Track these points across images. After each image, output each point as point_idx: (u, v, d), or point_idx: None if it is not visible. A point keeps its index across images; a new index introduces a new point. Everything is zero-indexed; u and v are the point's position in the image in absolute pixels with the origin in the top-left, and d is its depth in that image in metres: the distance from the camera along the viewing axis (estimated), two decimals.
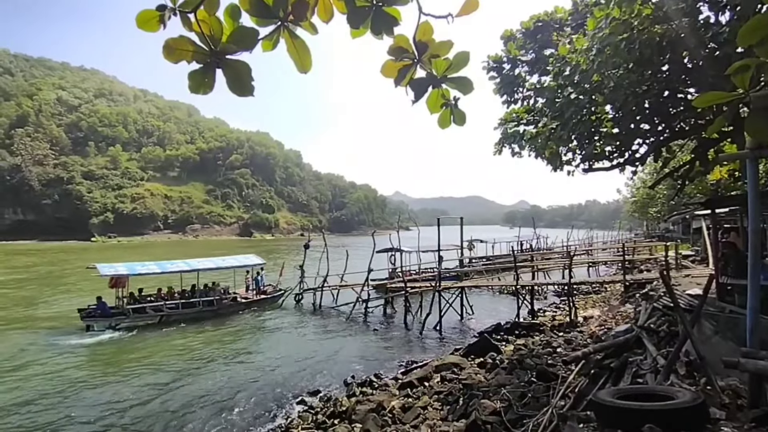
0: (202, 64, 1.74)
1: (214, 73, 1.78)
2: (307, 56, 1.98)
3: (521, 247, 38.09)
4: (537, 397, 6.51)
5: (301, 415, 8.69)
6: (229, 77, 1.81)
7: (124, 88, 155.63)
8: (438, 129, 2.48)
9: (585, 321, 14.10)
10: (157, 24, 1.59)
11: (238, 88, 1.87)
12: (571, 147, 7.41)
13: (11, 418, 9.23)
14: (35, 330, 16.82)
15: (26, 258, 52.00)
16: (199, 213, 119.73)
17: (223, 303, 19.75)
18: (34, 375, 11.85)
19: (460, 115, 2.65)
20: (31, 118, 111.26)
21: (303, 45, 1.93)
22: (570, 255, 17.91)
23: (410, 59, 2.35)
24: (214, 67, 1.76)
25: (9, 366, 12.51)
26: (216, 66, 1.77)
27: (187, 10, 1.61)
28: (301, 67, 2.01)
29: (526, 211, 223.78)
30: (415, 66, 2.36)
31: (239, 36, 1.70)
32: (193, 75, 1.80)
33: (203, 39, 1.64)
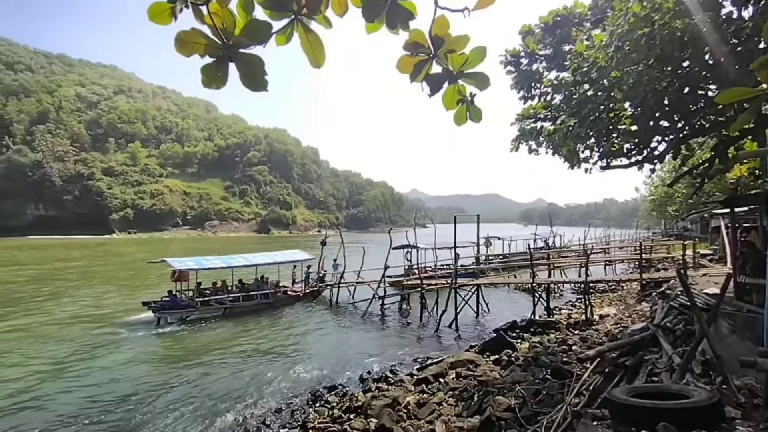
0: (214, 57, 1.75)
1: (227, 67, 1.77)
2: (321, 51, 1.98)
3: (539, 245, 37.74)
4: (551, 395, 6.52)
5: (318, 410, 8.83)
6: (242, 71, 1.82)
7: (143, 85, 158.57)
8: (455, 126, 2.51)
9: (601, 319, 13.95)
10: (169, 16, 1.59)
11: (251, 82, 1.88)
12: (588, 144, 7.33)
13: (91, 405, 9.77)
14: (109, 323, 17.44)
15: (57, 253, 53.78)
16: (218, 209, 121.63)
17: (278, 296, 20.58)
18: (122, 365, 12.48)
19: (476, 111, 2.67)
20: (51, 115, 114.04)
21: (317, 39, 1.88)
22: (586, 253, 17.68)
23: (426, 54, 2.37)
24: (227, 61, 1.75)
25: (95, 360, 13.02)
26: (229, 60, 1.78)
27: (199, 2, 1.59)
28: (314, 62, 2.01)
29: (543, 209, 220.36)
30: (431, 61, 2.38)
31: (252, 29, 1.67)
32: (206, 69, 1.80)
33: (215, 32, 1.62)
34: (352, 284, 21.60)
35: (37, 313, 19.53)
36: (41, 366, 12.47)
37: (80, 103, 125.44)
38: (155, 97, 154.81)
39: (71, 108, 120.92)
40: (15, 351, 13.97)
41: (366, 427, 7.11)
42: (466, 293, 18.16)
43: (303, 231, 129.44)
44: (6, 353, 13.67)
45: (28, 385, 10.92)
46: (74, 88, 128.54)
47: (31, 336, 15.80)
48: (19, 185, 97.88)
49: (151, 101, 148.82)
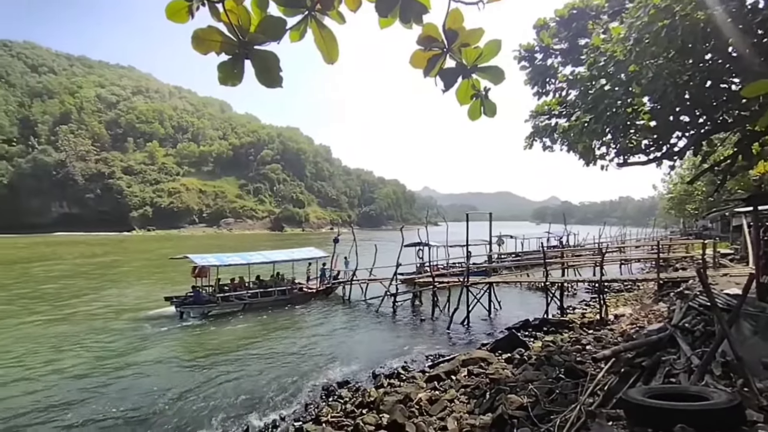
0: (230, 55, 1.79)
1: (243, 64, 1.79)
2: (335, 47, 1.97)
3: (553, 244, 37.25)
4: (565, 394, 6.44)
5: (331, 404, 8.92)
6: (257, 68, 1.83)
7: (160, 85, 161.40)
8: (468, 123, 2.47)
9: (616, 319, 13.71)
10: (186, 15, 1.61)
11: (267, 79, 1.90)
12: (605, 140, 7.16)
13: (117, 395, 10.14)
14: (132, 317, 17.94)
15: (81, 249, 55.30)
16: (233, 207, 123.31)
17: (294, 293, 20.93)
18: (147, 357, 12.87)
19: (490, 106, 2.64)
20: (73, 115, 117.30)
21: (330, 35, 1.88)
22: (601, 252, 17.38)
23: (440, 48, 2.34)
24: (242, 58, 1.77)
25: (121, 352, 13.42)
26: (245, 57, 1.82)
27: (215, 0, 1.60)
28: (328, 58, 2.02)
29: (556, 207, 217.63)
30: (444, 55, 2.35)
31: (267, 26, 1.68)
32: (222, 66, 1.82)
33: (231, 29, 1.63)
34: (365, 281, 21.66)
35: (64, 307, 20.19)
36: (68, 358, 12.87)
37: (100, 104, 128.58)
38: (172, 97, 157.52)
39: (92, 108, 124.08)
40: (43, 343, 14.45)
41: (378, 422, 7.13)
42: (478, 291, 18.05)
43: (316, 229, 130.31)
44: (34, 345, 14.15)
45: (54, 376, 11.28)
46: (94, 89, 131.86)
47: (58, 329, 16.31)
48: (45, 184, 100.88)
49: (168, 101, 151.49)
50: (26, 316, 18.42)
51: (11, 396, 10.07)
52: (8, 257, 44.35)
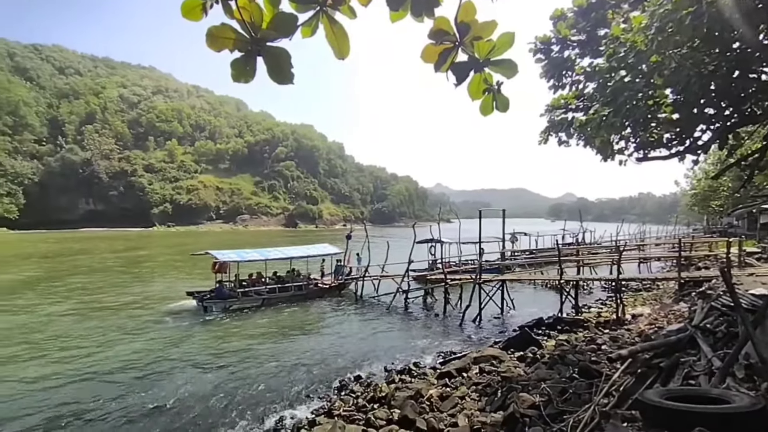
0: (243, 52, 1.81)
1: (255, 60, 1.82)
2: (346, 42, 1.97)
3: (568, 241, 36.65)
4: (579, 394, 6.30)
5: (343, 398, 8.98)
6: (269, 65, 1.85)
7: (179, 85, 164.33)
8: (481, 119, 2.41)
9: (633, 319, 13.40)
10: (201, 12, 1.63)
11: (278, 75, 1.91)
12: (624, 134, 6.93)
13: (141, 382, 10.56)
14: (156, 310, 18.52)
15: (105, 244, 56.85)
16: (248, 204, 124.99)
17: (310, 288, 21.24)
18: (172, 348, 13.30)
19: (503, 101, 2.56)
20: (98, 115, 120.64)
21: (342, 30, 1.90)
22: (619, 250, 16.99)
23: (451, 42, 2.29)
24: (255, 55, 1.80)
25: (147, 344, 13.85)
26: (257, 54, 1.83)
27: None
28: (339, 54, 2.01)
29: (572, 204, 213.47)
30: (456, 49, 2.29)
31: (279, 22, 1.71)
32: (235, 63, 1.85)
33: (244, 26, 1.66)
34: (377, 278, 21.69)
35: (90, 300, 20.89)
36: (93, 349, 13.31)
37: (123, 104, 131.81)
38: (190, 96, 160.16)
39: (115, 108, 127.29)
40: (70, 333, 14.98)
41: (389, 417, 7.14)
42: (491, 289, 17.88)
43: (329, 225, 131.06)
44: (62, 335, 14.67)
45: (78, 366, 11.66)
46: (117, 89, 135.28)
47: (85, 320, 16.89)
48: (72, 182, 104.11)
49: (186, 100, 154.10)
50: (55, 307, 19.10)
51: (37, 384, 10.45)
52: (39, 251, 45.96)
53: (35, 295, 21.95)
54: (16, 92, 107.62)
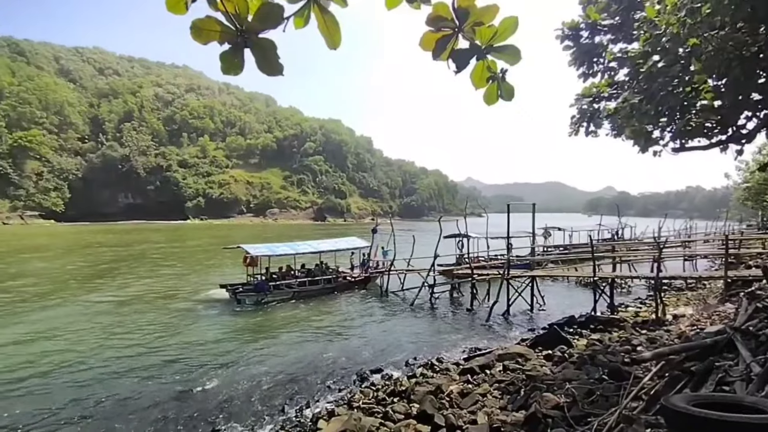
0: (230, 44, 1.78)
1: (243, 52, 1.81)
2: (337, 32, 1.92)
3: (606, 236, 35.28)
4: (606, 396, 6.04)
5: (363, 391, 9.03)
6: (257, 56, 1.82)
7: (210, 83, 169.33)
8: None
9: (675, 319, 12.70)
10: (184, 6, 1.61)
11: (267, 67, 1.88)
12: (659, 123, 6.48)
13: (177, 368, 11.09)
14: (192, 301, 19.28)
15: (144, 236, 59.72)
16: (277, 198, 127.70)
17: (338, 281, 21.55)
18: (206, 338, 13.82)
19: (508, 89, 2.43)
20: (135, 113, 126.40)
21: (333, 20, 1.87)
22: (659, 246, 16.13)
23: (450, 29, 2.19)
24: (242, 47, 1.78)
25: (183, 333, 14.47)
26: (244, 45, 1.80)
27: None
28: (331, 44, 1.96)
29: (612, 198, 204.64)
30: (455, 35, 2.19)
31: (264, 13, 1.67)
32: (223, 56, 1.83)
33: (229, 18, 1.63)
34: (403, 272, 21.63)
35: (127, 288, 22.05)
36: (131, 335, 14.07)
37: (158, 102, 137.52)
38: (221, 94, 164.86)
39: (151, 107, 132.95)
40: (107, 320, 15.88)
41: (408, 412, 7.11)
42: (520, 285, 17.44)
43: (357, 219, 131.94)
44: (100, 321, 15.54)
45: (116, 350, 12.34)
46: (153, 88, 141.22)
47: (122, 307, 17.86)
48: (112, 177, 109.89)
49: (218, 97, 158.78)
50: (96, 294, 20.28)
51: (73, 366, 11.13)
52: (83, 242, 48.84)
53: (78, 284, 23.33)
54: (61, 93, 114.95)
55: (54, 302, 18.70)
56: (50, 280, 24.23)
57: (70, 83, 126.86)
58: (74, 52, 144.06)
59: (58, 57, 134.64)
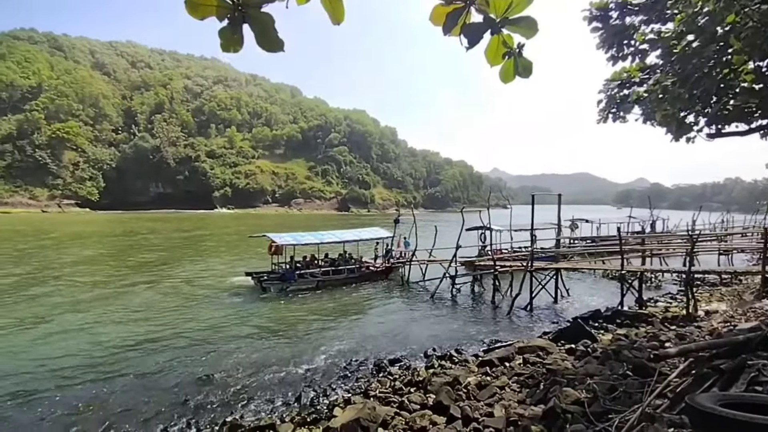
0: (228, 19, 1.75)
1: (242, 28, 1.77)
2: (340, 7, 1.87)
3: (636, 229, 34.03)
4: (629, 393, 5.82)
5: (380, 380, 9.07)
6: (255, 31, 1.78)
7: (237, 74, 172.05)
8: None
9: (707, 315, 12.16)
10: None
11: (266, 42, 1.84)
12: (693, 108, 6.07)
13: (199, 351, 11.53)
14: (218, 289, 19.72)
15: (173, 224, 61.85)
16: (302, 188, 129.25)
17: (362, 271, 21.75)
18: (233, 324, 14.24)
19: (525, 65, 2.30)
20: (165, 105, 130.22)
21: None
22: (692, 240, 15.41)
23: (462, 1, 2.09)
24: (240, 22, 1.75)
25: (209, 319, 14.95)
26: (242, 21, 1.76)
27: None
28: (334, 19, 1.90)
29: (644, 190, 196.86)
30: (468, 8, 2.09)
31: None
32: (222, 32, 1.80)
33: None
34: (424, 263, 21.54)
35: (157, 275, 22.87)
36: (158, 318, 14.62)
37: (187, 94, 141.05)
38: (248, 85, 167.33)
39: (180, 98, 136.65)
40: (136, 303, 16.59)
41: (424, 402, 7.09)
42: (544, 277, 17.06)
43: (381, 210, 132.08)
44: (129, 305, 16.24)
45: (143, 332, 12.86)
46: (183, 80, 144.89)
47: (151, 292, 18.58)
48: (144, 167, 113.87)
49: (245, 89, 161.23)
50: (126, 280, 21.13)
51: (102, 345, 11.73)
52: (117, 230, 50.96)
53: (111, 269, 24.42)
54: (96, 86, 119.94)
55: (89, 286, 19.65)
56: (87, 266, 25.45)
57: (105, 76, 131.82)
58: (108, 46, 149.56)
59: (94, 51, 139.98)
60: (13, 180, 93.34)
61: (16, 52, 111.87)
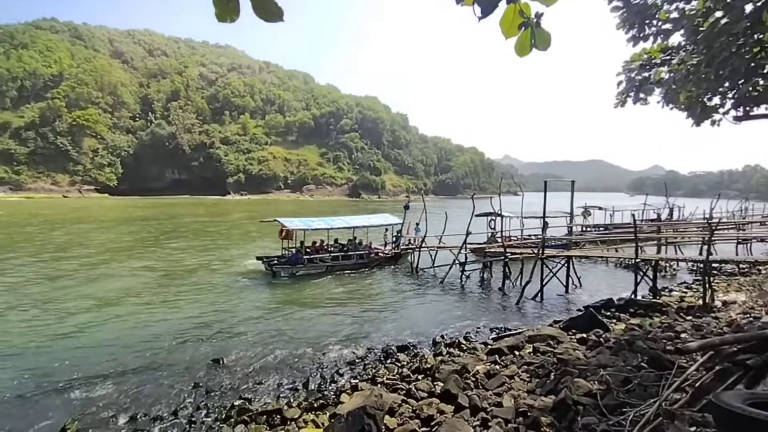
0: None
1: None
2: None
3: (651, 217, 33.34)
4: (645, 386, 5.67)
5: (388, 367, 9.06)
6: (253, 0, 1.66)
7: (251, 61, 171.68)
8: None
9: (724, 306, 11.84)
10: None
11: (263, 11, 1.70)
12: (720, 88, 5.71)
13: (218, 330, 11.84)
14: (231, 272, 20.09)
15: (190, 209, 62.69)
16: (314, 174, 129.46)
17: (371, 257, 21.83)
18: (243, 307, 14.52)
19: (543, 36, 2.11)
20: (181, 92, 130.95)
21: None
22: (711, 228, 14.95)
23: None
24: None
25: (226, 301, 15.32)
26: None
27: None
28: None
29: (659, 177, 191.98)
30: None
31: None
32: (217, 1, 1.70)
33: None
34: (434, 249, 21.42)
35: (172, 259, 23.29)
36: (173, 302, 14.89)
37: (202, 81, 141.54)
38: (261, 72, 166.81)
39: (196, 86, 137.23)
40: (152, 286, 16.94)
41: (431, 390, 7.05)
42: (555, 265, 16.80)
43: (392, 196, 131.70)
44: (145, 288, 16.57)
45: (157, 316, 13.13)
46: (198, 68, 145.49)
47: (166, 276, 18.94)
48: (161, 153, 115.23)
49: (258, 76, 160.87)
50: (143, 263, 21.55)
51: (116, 327, 12.03)
52: (134, 215, 51.85)
53: (128, 253, 24.86)
54: (114, 74, 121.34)
55: (107, 269, 20.10)
56: (106, 250, 26.01)
57: (123, 64, 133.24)
58: (126, 34, 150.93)
59: (113, 39, 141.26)
60: (36, 166, 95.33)
61: (38, 42, 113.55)
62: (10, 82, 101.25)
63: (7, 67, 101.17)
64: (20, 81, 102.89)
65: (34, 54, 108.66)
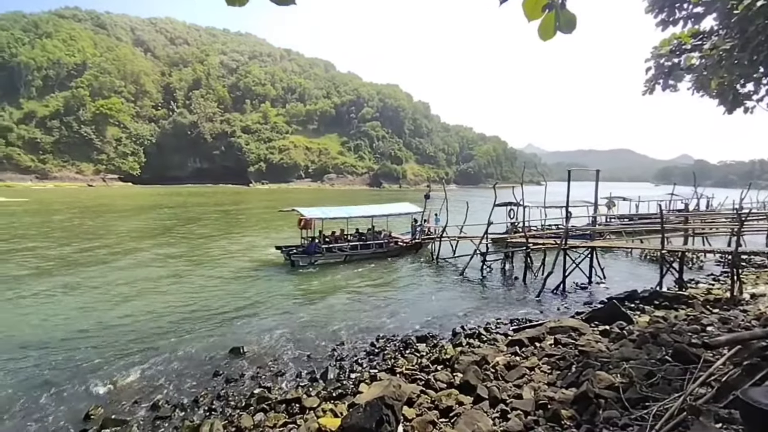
0: None
1: None
2: None
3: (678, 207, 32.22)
4: (669, 380, 5.58)
5: (407, 357, 9.13)
6: None
7: (272, 50, 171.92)
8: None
9: (752, 299, 11.45)
10: None
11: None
12: (753, 74, 5.43)
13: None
14: (249, 261, 20.63)
15: (210, 198, 64.14)
16: (335, 163, 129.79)
17: (390, 246, 21.99)
18: (267, 295, 14.90)
19: (568, 18, 2.05)
20: (203, 81, 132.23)
21: None
22: (740, 219, 14.38)
23: None
24: None
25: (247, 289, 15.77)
26: None
27: None
28: None
29: (687, 167, 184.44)
30: None
31: None
32: None
33: None
34: (455, 239, 21.33)
35: (194, 247, 23.98)
36: (194, 289, 15.35)
37: (223, 70, 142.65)
38: (282, 60, 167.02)
39: (217, 74, 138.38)
40: (174, 273, 17.46)
41: (450, 381, 7.09)
42: (578, 256, 16.51)
43: (413, 185, 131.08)
44: (167, 275, 17.13)
45: (179, 302, 13.56)
46: (219, 56, 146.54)
47: (188, 263, 19.48)
48: (183, 142, 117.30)
49: (279, 64, 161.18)
50: (165, 250, 22.25)
51: (136, 314, 12.45)
52: (157, 203, 53.34)
53: (151, 241, 25.72)
54: (137, 63, 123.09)
55: (132, 258, 20.77)
56: (130, 238, 26.93)
57: (145, 53, 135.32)
58: (148, 23, 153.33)
59: (135, 28, 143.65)
60: (61, 155, 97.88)
61: (61, 31, 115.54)
62: (35, 71, 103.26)
63: (32, 56, 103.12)
64: (45, 70, 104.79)
65: (57, 43, 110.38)
